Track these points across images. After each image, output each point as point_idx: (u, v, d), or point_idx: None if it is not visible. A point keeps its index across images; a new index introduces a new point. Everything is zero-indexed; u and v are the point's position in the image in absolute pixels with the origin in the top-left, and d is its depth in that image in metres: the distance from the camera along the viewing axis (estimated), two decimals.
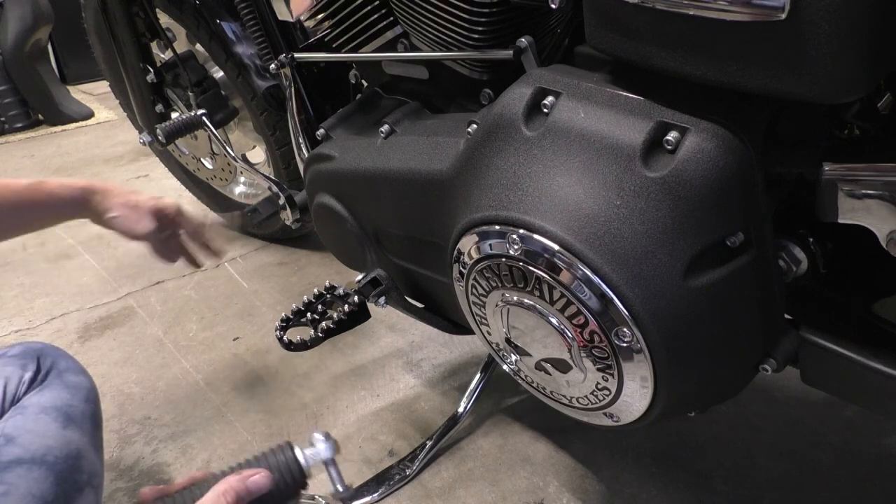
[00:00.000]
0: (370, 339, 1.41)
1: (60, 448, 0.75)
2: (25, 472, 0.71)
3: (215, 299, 1.60)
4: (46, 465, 0.73)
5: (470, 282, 0.76)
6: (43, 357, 0.83)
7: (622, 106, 0.63)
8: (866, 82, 0.52)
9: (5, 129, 3.00)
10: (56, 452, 0.74)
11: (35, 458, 0.72)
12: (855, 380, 0.66)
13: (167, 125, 1.28)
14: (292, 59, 1.10)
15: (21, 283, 1.74)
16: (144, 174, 2.40)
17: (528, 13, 0.81)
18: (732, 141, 0.59)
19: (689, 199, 0.59)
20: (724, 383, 0.73)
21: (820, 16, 0.48)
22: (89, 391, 0.85)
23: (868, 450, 1.06)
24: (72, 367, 0.85)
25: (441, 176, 0.79)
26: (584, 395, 0.74)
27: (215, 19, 1.44)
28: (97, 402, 0.86)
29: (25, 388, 0.80)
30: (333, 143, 1.00)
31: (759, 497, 1.00)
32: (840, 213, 0.60)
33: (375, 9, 0.91)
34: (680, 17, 0.55)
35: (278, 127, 1.49)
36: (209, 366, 1.37)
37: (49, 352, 0.85)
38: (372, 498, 1.03)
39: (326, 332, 1.00)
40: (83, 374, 0.86)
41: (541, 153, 0.67)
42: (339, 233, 1.01)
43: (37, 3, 2.84)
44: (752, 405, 1.15)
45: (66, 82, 3.57)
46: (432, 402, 1.23)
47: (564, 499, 1.01)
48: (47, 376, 0.82)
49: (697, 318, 0.63)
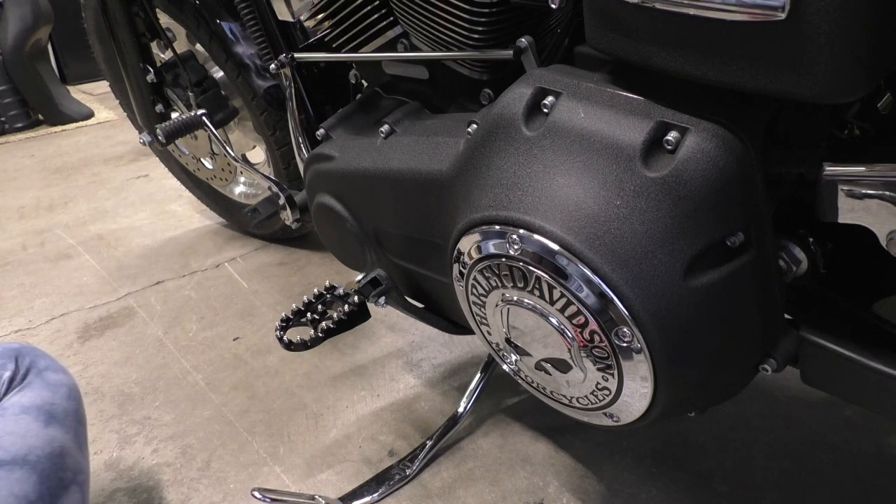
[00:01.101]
0: (370, 339, 1.41)
1: (43, 447, 0.75)
2: (6, 474, 0.71)
3: (215, 299, 1.60)
4: (28, 465, 0.72)
5: (470, 282, 0.76)
6: (21, 356, 0.83)
7: (622, 106, 0.63)
8: (866, 82, 0.52)
9: (5, 129, 3.00)
10: (38, 452, 0.74)
11: (16, 458, 0.72)
12: (855, 380, 0.66)
13: (167, 125, 1.28)
14: (292, 59, 1.10)
15: (21, 283, 1.74)
16: (144, 174, 2.40)
17: (528, 13, 0.81)
18: (732, 141, 0.59)
19: (689, 199, 0.59)
20: (724, 383, 0.73)
21: (820, 16, 0.48)
22: (70, 389, 0.85)
23: (868, 450, 1.06)
24: (51, 366, 0.85)
25: (441, 176, 0.79)
26: (584, 395, 0.74)
27: (215, 19, 1.44)
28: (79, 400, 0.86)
29: (5, 389, 0.80)
30: (333, 143, 1.00)
31: (759, 497, 1.00)
32: (840, 213, 0.60)
33: (375, 9, 0.92)
34: (680, 17, 0.55)
35: (278, 127, 1.49)
36: (209, 366, 1.37)
37: (27, 351, 0.85)
38: (372, 498, 1.03)
39: (326, 332, 1.00)
40: (63, 371, 0.86)
41: (541, 153, 0.67)
42: (339, 233, 1.01)
43: (37, 3, 2.84)
44: (752, 405, 1.15)
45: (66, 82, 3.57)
46: (432, 402, 1.23)
47: (564, 499, 1.01)
48: (27, 375, 0.82)
49: (697, 318, 0.63)
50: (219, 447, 1.16)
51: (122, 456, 1.16)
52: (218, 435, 1.19)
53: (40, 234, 2.02)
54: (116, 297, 1.65)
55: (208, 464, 1.13)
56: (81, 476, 0.79)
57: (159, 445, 1.17)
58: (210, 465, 1.13)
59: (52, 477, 0.74)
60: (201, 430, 1.20)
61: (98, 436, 1.20)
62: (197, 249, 1.85)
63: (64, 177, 2.46)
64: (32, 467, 0.72)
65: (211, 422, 1.22)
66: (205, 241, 1.90)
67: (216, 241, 1.89)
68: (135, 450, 1.17)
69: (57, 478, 0.74)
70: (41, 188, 2.37)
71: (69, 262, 1.83)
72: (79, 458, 0.80)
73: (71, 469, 0.77)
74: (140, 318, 1.55)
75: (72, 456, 0.78)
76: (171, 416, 1.24)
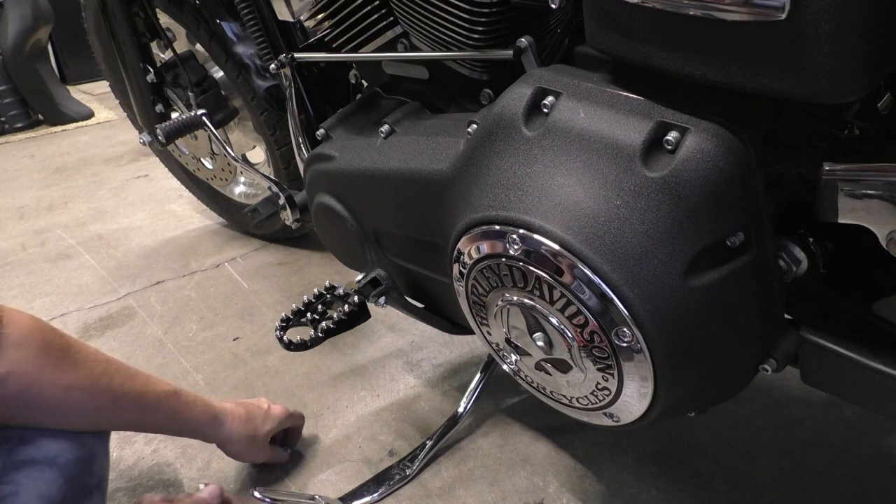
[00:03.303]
0: (370, 339, 1.41)
1: (73, 450, 0.75)
2: (37, 473, 0.71)
3: (215, 299, 1.60)
4: (57, 467, 0.73)
5: (470, 282, 0.76)
6: None
7: (622, 106, 0.63)
8: (866, 82, 0.52)
9: (5, 129, 3.00)
10: (68, 455, 0.75)
11: (48, 458, 0.73)
12: (855, 380, 0.66)
13: (167, 125, 1.28)
14: (292, 59, 1.10)
15: (21, 283, 1.74)
16: (144, 174, 2.40)
17: (528, 13, 0.81)
18: (732, 141, 0.59)
19: (689, 199, 0.59)
20: (725, 383, 0.73)
21: (820, 16, 0.48)
22: None
23: (868, 450, 1.06)
24: None
25: (441, 176, 0.79)
26: (585, 395, 0.74)
27: (215, 19, 1.44)
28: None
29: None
30: (333, 143, 1.00)
31: (759, 497, 1.00)
32: (840, 213, 0.60)
33: (375, 9, 0.92)
34: (680, 17, 0.55)
35: (278, 127, 1.49)
36: (209, 366, 1.37)
37: None
38: (372, 498, 1.03)
39: (326, 332, 1.00)
40: None
41: (541, 153, 0.67)
42: (339, 233, 1.01)
43: (37, 3, 2.84)
44: (752, 405, 1.15)
45: (66, 82, 3.57)
46: (432, 402, 1.23)
47: (564, 499, 1.01)
48: None
49: (697, 318, 0.63)
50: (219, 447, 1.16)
51: (122, 456, 1.16)
52: None
53: (40, 234, 2.02)
54: (116, 297, 1.65)
55: (208, 464, 1.13)
56: (103, 483, 0.80)
57: (159, 445, 1.17)
58: (210, 465, 1.12)
59: (77, 482, 0.74)
60: None
61: None
62: (197, 249, 1.85)
63: (64, 177, 2.46)
64: (61, 470, 0.73)
65: None
66: (205, 241, 1.90)
67: (216, 241, 1.89)
68: (135, 450, 1.17)
69: (81, 482, 0.75)
70: (41, 188, 2.37)
71: (69, 262, 1.83)
72: (104, 464, 0.81)
73: (96, 475, 0.78)
74: (140, 318, 1.55)
75: (99, 462, 0.79)
76: None
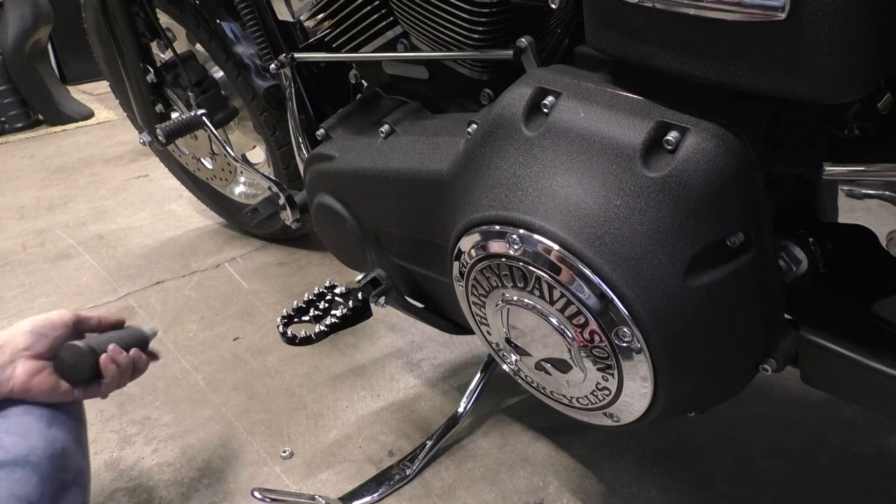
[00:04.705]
0: (370, 339, 1.41)
1: (45, 448, 0.75)
2: (7, 475, 0.70)
3: (215, 299, 1.60)
4: (30, 466, 0.72)
5: (470, 282, 0.76)
6: None
7: (622, 106, 0.63)
8: (866, 82, 0.52)
9: (5, 129, 3.00)
10: (40, 452, 0.74)
11: (18, 459, 0.72)
12: (855, 380, 0.66)
13: (167, 125, 1.28)
14: (292, 59, 1.10)
15: (21, 283, 1.74)
16: (144, 174, 2.40)
17: (528, 13, 0.81)
18: (732, 141, 0.59)
19: (689, 199, 0.59)
20: (724, 383, 0.73)
21: (820, 16, 0.48)
22: None
23: (868, 450, 1.06)
24: None
25: (441, 176, 0.79)
26: (584, 395, 0.74)
27: (215, 19, 1.44)
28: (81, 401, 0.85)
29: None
30: (333, 143, 1.00)
31: (760, 497, 1.00)
32: (840, 213, 0.60)
33: (375, 9, 0.91)
34: (680, 17, 0.55)
35: (278, 127, 1.49)
36: (209, 366, 1.37)
37: None
38: (372, 498, 1.03)
39: (331, 327, 1.00)
40: None
41: (541, 153, 0.67)
42: (339, 233, 1.01)
43: (37, 3, 2.84)
44: (752, 405, 1.15)
45: (66, 82, 3.57)
46: (432, 402, 1.23)
47: (564, 499, 1.01)
48: None
49: (697, 318, 0.63)
50: (219, 447, 1.16)
51: (122, 456, 1.16)
52: (218, 435, 1.19)
53: (40, 234, 2.02)
54: (116, 297, 1.65)
55: (208, 464, 1.13)
56: (82, 477, 0.79)
57: (159, 445, 1.17)
58: (210, 465, 1.13)
59: (53, 478, 0.74)
60: (201, 430, 1.20)
61: (98, 436, 1.20)
62: (197, 249, 1.85)
63: (64, 177, 2.46)
64: (34, 468, 0.72)
65: (211, 422, 1.22)
66: (205, 241, 1.90)
67: (216, 241, 1.89)
68: (135, 450, 1.17)
69: (58, 479, 0.74)
70: (41, 188, 2.37)
71: (69, 262, 1.83)
72: (80, 459, 0.80)
73: (72, 470, 0.77)
74: (140, 318, 1.55)
75: (73, 457, 0.78)
76: (171, 416, 1.24)
